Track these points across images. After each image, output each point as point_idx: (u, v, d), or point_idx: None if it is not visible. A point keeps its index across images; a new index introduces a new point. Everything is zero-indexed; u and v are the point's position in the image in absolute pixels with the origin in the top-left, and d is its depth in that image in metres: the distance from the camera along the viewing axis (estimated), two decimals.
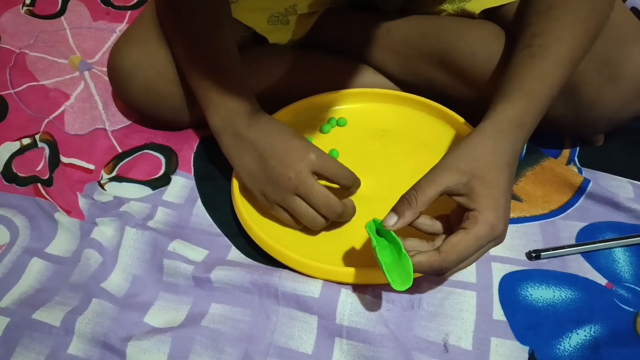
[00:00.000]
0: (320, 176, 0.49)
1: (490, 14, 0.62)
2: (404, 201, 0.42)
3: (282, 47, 0.67)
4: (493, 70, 0.57)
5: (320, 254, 0.50)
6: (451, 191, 0.41)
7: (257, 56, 0.65)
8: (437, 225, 0.44)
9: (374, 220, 0.44)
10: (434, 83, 0.64)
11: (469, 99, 0.61)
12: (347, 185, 0.51)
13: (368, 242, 0.52)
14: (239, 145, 0.51)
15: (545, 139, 0.61)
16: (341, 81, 0.66)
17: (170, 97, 0.60)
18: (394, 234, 0.42)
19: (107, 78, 0.72)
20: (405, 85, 0.67)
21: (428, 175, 0.42)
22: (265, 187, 0.49)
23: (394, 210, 0.42)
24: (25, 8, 0.85)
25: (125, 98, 0.63)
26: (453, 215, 0.44)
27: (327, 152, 0.60)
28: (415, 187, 0.42)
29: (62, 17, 0.84)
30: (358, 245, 0.52)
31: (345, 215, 0.50)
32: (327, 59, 0.68)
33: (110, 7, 0.86)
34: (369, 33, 0.67)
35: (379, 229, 0.43)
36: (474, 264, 0.50)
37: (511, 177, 0.43)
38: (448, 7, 0.64)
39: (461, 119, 0.61)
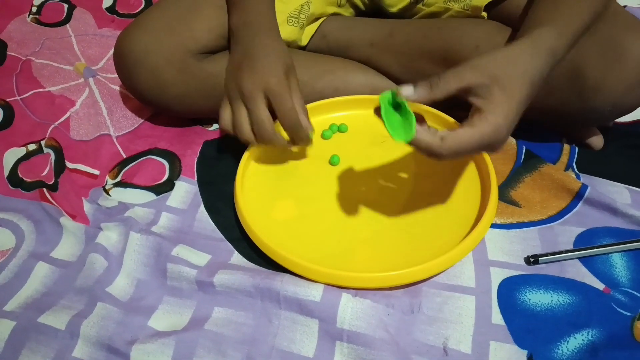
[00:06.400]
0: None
1: (493, 13, 0.63)
2: (427, 82, 0.43)
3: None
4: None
5: (322, 258, 0.51)
6: (471, 90, 0.43)
7: None
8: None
9: (391, 92, 0.44)
10: None
11: None
12: (286, 127, 0.54)
13: (368, 247, 0.52)
14: (237, 44, 0.57)
15: (543, 145, 0.62)
16: (342, 81, 0.67)
17: (175, 85, 0.61)
18: (406, 104, 0.43)
19: (111, 85, 0.74)
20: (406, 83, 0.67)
21: (456, 69, 0.43)
22: (230, 84, 0.55)
23: (414, 84, 0.43)
24: (31, 16, 0.87)
25: (130, 84, 0.63)
26: None
27: (328, 158, 0.61)
28: (440, 75, 0.43)
29: (68, 25, 0.85)
30: (359, 249, 0.52)
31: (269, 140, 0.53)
32: (330, 59, 0.69)
33: (115, 15, 0.87)
34: (371, 36, 0.68)
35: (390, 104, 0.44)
36: (472, 269, 0.51)
37: (530, 97, 0.44)
38: (454, 5, 0.65)
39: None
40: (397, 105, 0.44)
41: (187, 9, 0.62)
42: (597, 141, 0.62)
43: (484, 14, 0.63)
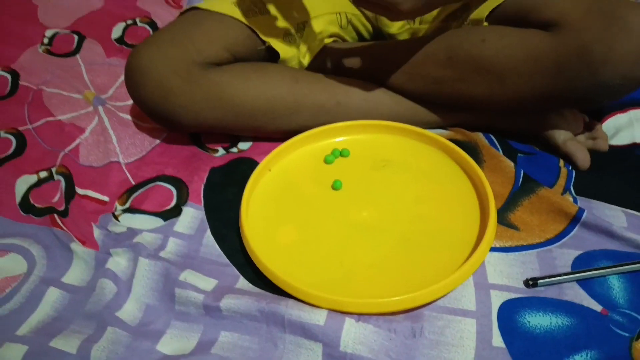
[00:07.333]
0: None
1: (492, 20, 0.65)
2: None
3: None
4: (505, 52, 0.59)
5: (325, 283, 0.52)
6: None
7: (264, 64, 0.70)
8: None
9: None
10: (442, 82, 0.65)
11: (481, 92, 0.63)
12: None
13: (370, 271, 0.54)
14: None
15: (541, 168, 0.63)
16: (345, 95, 0.69)
17: (180, 94, 0.63)
18: None
19: (120, 113, 0.76)
20: (411, 93, 0.69)
21: None
22: None
23: None
24: (43, 47, 0.89)
25: (138, 96, 0.65)
26: None
27: (331, 182, 0.63)
28: None
29: (78, 55, 0.88)
30: (361, 273, 0.53)
31: None
32: (332, 76, 0.71)
33: (123, 46, 0.90)
34: (373, 52, 0.70)
35: None
36: (473, 292, 0.52)
37: None
38: (452, 23, 0.68)
39: (459, 149, 0.63)
40: None
41: (190, 25, 0.67)
42: (583, 160, 0.63)
43: (485, 24, 0.66)
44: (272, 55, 0.71)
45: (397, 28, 0.75)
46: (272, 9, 0.70)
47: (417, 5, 0.53)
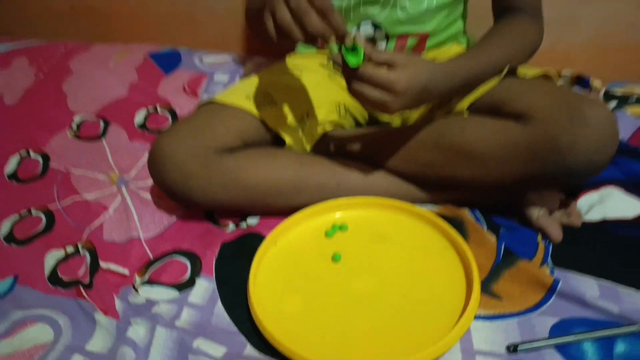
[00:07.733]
0: None
1: (473, 110, 0.73)
2: (372, 45, 0.60)
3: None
4: (483, 140, 0.67)
5: (326, 350, 0.57)
6: (394, 63, 0.60)
7: (272, 149, 0.78)
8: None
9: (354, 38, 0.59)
10: (431, 165, 0.73)
11: (464, 174, 0.70)
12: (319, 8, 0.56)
13: (368, 338, 0.59)
14: None
15: (521, 242, 0.69)
16: (345, 177, 0.76)
17: (198, 178, 0.71)
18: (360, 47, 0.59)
19: (141, 193, 0.84)
20: (404, 174, 0.76)
21: (391, 55, 0.60)
22: None
23: (367, 41, 0.61)
24: (71, 132, 0.99)
25: (160, 178, 0.73)
26: None
27: (330, 255, 0.69)
28: (378, 50, 0.60)
29: (103, 139, 0.97)
30: (359, 343, 0.58)
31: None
32: (332, 159, 0.79)
33: (145, 131, 0.99)
34: (370, 138, 0.79)
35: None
36: (460, 357, 0.56)
37: (427, 93, 0.63)
38: (437, 111, 0.77)
39: (447, 225, 0.70)
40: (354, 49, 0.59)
41: (208, 117, 0.76)
42: (554, 235, 0.69)
43: (466, 113, 0.74)
44: (279, 140, 0.80)
45: (389, 115, 0.84)
46: (280, 102, 0.80)
47: (404, 106, 0.62)
